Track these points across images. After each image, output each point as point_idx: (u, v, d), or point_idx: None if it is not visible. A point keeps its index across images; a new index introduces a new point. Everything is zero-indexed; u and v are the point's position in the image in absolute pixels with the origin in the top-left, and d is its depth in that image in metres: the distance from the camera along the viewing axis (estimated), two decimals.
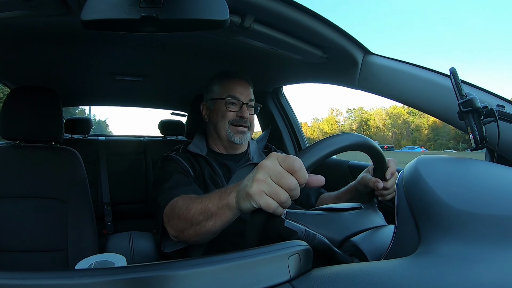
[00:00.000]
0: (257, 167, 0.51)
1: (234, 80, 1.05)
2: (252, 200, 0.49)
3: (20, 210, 1.12)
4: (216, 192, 0.65)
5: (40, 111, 1.17)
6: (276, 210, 0.48)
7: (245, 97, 1.03)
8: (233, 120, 1.02)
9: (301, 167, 0.48)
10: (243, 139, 1.02)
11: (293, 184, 0.47)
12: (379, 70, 0.99)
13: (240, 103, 1.02)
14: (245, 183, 0.52)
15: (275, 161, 0.49)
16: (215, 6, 0.48)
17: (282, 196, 0.47)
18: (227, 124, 1.02)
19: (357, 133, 0.61)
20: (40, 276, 0.32)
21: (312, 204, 1.03)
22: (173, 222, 0.76)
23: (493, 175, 0.55)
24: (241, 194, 0.53)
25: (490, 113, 0.63)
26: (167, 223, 0.79)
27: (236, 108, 1.02)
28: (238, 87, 1.03)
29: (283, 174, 0.48)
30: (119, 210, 2.04)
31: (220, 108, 1.03)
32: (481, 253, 0.40)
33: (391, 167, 0.73)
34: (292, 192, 0.48)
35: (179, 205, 0.75)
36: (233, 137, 1.01)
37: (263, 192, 0.48)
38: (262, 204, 0.48)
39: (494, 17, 56.86)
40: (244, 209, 0.53)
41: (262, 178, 0.48)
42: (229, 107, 1.02)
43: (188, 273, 0.34)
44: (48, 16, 0.86)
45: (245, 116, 1.01)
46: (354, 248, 0.56)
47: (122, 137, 2.66)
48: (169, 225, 0.78)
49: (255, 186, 0.48)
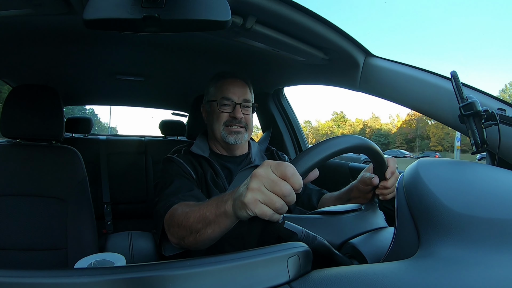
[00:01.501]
0: (250, 175, 0.51)
1: (228, 80, 1.04)
2: (248, 209, 0.50)
3: (20, 209, 1.12)
4: (214, 199, 0.65)
5: (41, 109, 1.17)
6: (272, 217, 0.48)
7: (238, 97, 1.02)
8: (226, 121, 1.01)
9: (294, 173, 0.48)
10: (237, 140, 1.01)
11: (287, 191, 0.47)
12: (380, 72, 0.99)
13: (233, 103, 1.01)
14: (240, 191, 0.53)
15: (268, 169, 0.49)
16: (217, 6, 0.48)
17: (277, 203, 0.48)
18: (221, 126, 1.01)
19: (354, 135, 0.61)
20: (39, 275, 0.32)
21: (314, 205, 1.03)
22: (173, 230, 0.76)
23: (494, 178, 0.55)
24: (237, 203, 0.53)
25: (491, 117, 0.63)
26: (167, 230, 0.79)
27: (229, 109, 1.01)
28: (232, 87, 1.02)
29: (277, 182, 0.48)
30: (119, 209, 2.04)
31: (215, 109, 1.02)
32: (480, 257, 0.40)
33: (390, 166, 0.73)
34: (287, 199, 0.48)
35: (178, 213, 0.75)
36: (227, 138, 1.00)
37: (257, 201, 0.48)
38: (257, 213, 0.48)
39: (495, 17, 57.02)
40: (241, 217, 0.53)
41: (256, 187, 0.49)
42: (222, 109, 1.01)
43: (187, 274, 0.34)
44: (51, 15, 0.86)
45: (237, 117, 1.00)
46: (354, 250, 0.56)
47: (122, 137, 2.66)
48: (169, 233, 0.78)
49: (249, 195, 0.49)
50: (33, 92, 1.19)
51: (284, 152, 1.26)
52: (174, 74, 1.70)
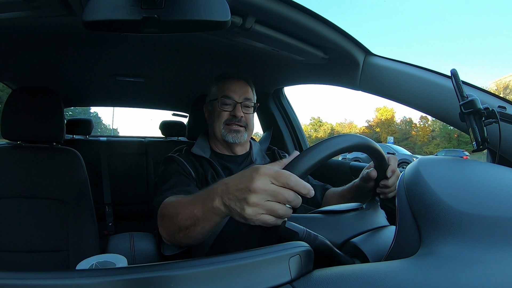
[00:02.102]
0: (249, 189, 0.49)
1: (230, 80, 1.05)
2: (250, 221, 0.49)
3: (21, 211, 1.12)
4: (198, 196, 0.64)
5: (42, 111, 1.17)
6: (275, 223, 0.48)
7: (239, 96, 1.03)
8: (227, 119, 1.02)
9: (297, 182, 0.47)
10: (237, 138, 1.02)
11: (291, 197, 0.47)
12: (380, 71, 0.99)
13: (234, 102, 1.02)
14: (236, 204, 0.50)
15: (267, 182, 0.48)
16: (216, 7, 0.48)
17: (280, 210, 0.47)
18: (221, 124, 1.02)
19: (355, 134, 0.60)
20: (41, 277, 0.32)
21: (318, 200, 1.04)
22: (164, 225, 0.75)
23: (495, 176, 0.55)
24: (234, 214, 0.52)
25: (491, 114, 0.63)
26: (160, 225, 0.78)
27: (229, 107, 1.02)
28: (233, 87, 1.04)
29: (279, 191, 0.47)
30: (120, 210, 2.04)
31: (216, 108, 1.04)
32: (482, 255, 0.39)
33: (391, 164, 0.73)
34: (292, 203, 0.48)
35: (169, 207, 0.75)
36: (227, 136, 1.01)
37: (259, 214, 0.48)
38: (260, 223, 0.48)
39: (494, 19, 56.88)
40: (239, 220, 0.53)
41: (256, 202, 0.48)
42: (223, 107, 1.02)
43: (189, 274, 0.34)
44: (50, 17, 0.86)
45: (237, 115, 1.01)
46: (355, 249, 0.56)
47: (123, 138, 2.66)
48: (161, 227, 0.77)
49: (250, 211, 0.48)
50: (33, 94, 1.19)
51: (284, 151, 1.26)
52: (174, 74, 1.70)
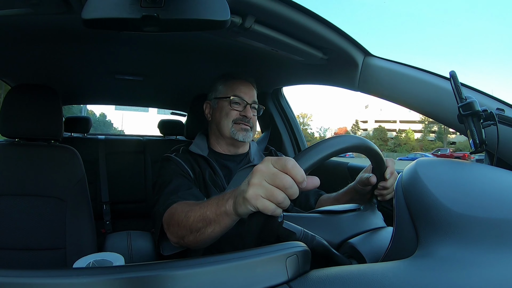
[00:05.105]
0: (252, 172, 0.51)
1: (239, 80, 1.07)
2: (249, 204, 0.50)
3: (19, 208, 1.11)
4: (214, 198, 0.66)
5: (40, 109, 1.17)
6: (274, 212, 0.48)
7: (249, 97, 1.05)
8: (236, 118, 1.03)
9: (294, 165, 0.48)
10: (246, 137, 1.03)
11: (288, 183, 0.47)
12: (379, 72, 0.99)
13: (245, 103, 1.04)
14: (241, 188, 0.53)
15: (269, 164, 0.50)
16: (216, 6, 0.48)
17: (279, 196, 0.48)
18: (230, 123, 1.03)
19: (354, 135, 0.61)
20: (38, 275, 0.32)
21: (312, 206, 1.03)
22: (173, 229, 0.76)
23: (492, 178, 0.55)
24: (238, 199, 0.53)
25: (489, 117, 0.63)
26: (167, 229, 0.79)
27: (240, 107, 1.04)
28: (243, 88, 1.06)
29: (277, 175, 0.48)
30: (117, 209, 2.04)
31: (225, 106, 1.04)
32: (479, 256, 0.40)
33: (389, 166, 0.73)
34: (289, 191, 0.48)
35: (178, 212, 0.75)
36: (237, 135, 1.02)
37: (259, 196, 0.48)
38: (259, 207, 0.49)
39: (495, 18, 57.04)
40: (242, 213, 0.54)
41: (257, 182, 0.49)
42: (233, 106, 1.04)
43: (186, 273, 0.34)
44: (49, 14, 0.86)
45: (248, 116, 1.03)
46: (352, 250, 0.56)
47: (121, 136, 2.66)
48: (169, 232, 0.78)
49: (251, 191, 0.49)
50: (32, 92, 1.18)
51: (282, 152, 1.26)
52: (173, 73, 1.70)
